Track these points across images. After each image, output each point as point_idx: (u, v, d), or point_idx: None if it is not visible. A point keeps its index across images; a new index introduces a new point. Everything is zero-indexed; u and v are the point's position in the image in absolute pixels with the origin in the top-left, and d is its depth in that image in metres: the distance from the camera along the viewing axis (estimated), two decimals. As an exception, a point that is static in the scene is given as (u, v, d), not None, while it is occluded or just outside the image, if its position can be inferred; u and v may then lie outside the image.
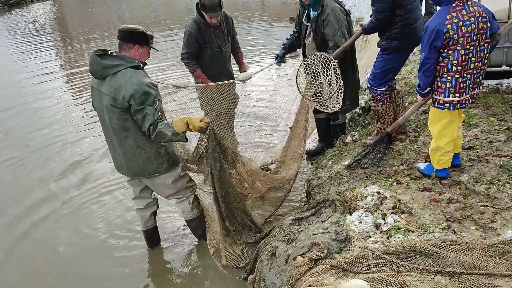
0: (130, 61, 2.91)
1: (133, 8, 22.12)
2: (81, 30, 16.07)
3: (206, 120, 2.94)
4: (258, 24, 14.30)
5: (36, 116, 7.18)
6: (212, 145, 3.07)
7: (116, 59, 2.89)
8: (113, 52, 2.96)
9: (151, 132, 2.86)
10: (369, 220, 2.76)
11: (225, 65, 4.68)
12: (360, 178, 3.37)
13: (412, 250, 2.32)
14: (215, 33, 4.45)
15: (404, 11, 3.37)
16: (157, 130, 2.84)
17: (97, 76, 2.92)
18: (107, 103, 2.90)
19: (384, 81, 3.65)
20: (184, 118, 2.90)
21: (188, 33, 4.40)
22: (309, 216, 3.13)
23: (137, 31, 2.95)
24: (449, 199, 2.82)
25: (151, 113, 2.84)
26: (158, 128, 2.84)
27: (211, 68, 4.57)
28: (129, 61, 2.91)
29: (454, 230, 2.50)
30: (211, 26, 4.38)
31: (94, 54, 2.87)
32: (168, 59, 9.55)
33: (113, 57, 2.90)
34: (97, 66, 2.87)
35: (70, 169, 5.22)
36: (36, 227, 4.12)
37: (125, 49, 2.96)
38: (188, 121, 2.88)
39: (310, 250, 2.59)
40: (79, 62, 11.06)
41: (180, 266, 3.50)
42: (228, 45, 4.65)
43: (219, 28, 4.48)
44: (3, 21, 18.65)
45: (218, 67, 4.61)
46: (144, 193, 3.40)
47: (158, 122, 2.86)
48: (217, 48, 4.50)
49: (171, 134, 2.86)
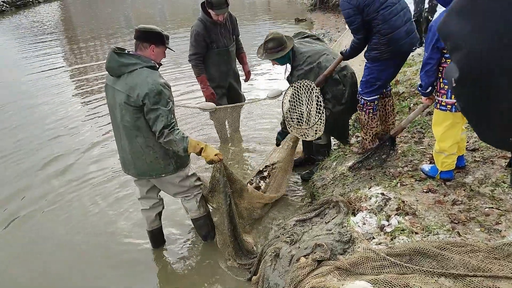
0: (147, 61, 2.96)
1: (139, 8, 22.23)
2: (87, 30, 16.17)
3: (220, 156, 3.07)
4: (264, 24, 14.32)
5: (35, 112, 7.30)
6: (223, 180, 3.19)
7: (133, 57, 2.93)
8: (130, 51, 3.00)
9: (164, 135, 2.89)
10: (373, 221, 2.76)
11: (231, 64, 4.74)
12: (364, 179, 3.37)
13: (416, 251, 2.31)
14: (221, 32, 4.50)
15: (377, 22, 3.29)
16: (171, 137, 2.89)
17: (113, 73, 2.95)
18: (120, 101, 2.93)
19: (371, 91, 3.56)
20: (201, 143, 3.01)
21: (195, 32, 4.43)
22: (312, 217, 3.13)
23: (153, 31, 2.99)
24: (453, 200, 2.81)
25: (165, 114, 2.87)
26: (173, 135, 2.89)
27: (218, 67, 4.61)
28: (146, 60, 2.96)
29: (458, 232, 2.49)
30: (217, 24, 4.42)
31: (112, 52, 2.91)
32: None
33: (130, 56, 2.94)
34: (114, 63, 2.91)
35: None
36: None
37: (141, 48, 3.00)
38: (203, 148, 3.00)
39: (313, 251, 2.59)
40: (83, 60, 11.15)
41: (183, 267, 3.50)
42: (233, 44, 4.70)
43: (225, 26, 4.54)
44: (10, 22, 18.77)
45: (225, 66, 4.66)
46: (150, 193, 3.42)
47: (174, 129, 2.91)
48: (224, 47, 4.54)
49: (181, 149, 2.94)
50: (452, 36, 0.85)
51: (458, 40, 0.84)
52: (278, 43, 3.76)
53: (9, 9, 22.06)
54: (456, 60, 0.86)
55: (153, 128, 2.94)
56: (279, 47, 3.76)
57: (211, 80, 4.73)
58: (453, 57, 0.87)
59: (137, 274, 3.45)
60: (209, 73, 4.69)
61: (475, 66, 0.81)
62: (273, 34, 3.80)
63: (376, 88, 3.56)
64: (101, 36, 14.83)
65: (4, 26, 18.15)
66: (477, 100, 0.85)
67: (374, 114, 3.68)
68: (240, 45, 4.96)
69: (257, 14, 16.74)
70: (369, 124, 3.72)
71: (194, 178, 3.40)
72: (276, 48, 3.76)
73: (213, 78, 4.74)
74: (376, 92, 3.59)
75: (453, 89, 0.92)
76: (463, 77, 0.85)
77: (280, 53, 3.77)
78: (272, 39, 3.77)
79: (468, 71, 0.83)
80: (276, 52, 3.77)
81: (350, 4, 3.26)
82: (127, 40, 13.54)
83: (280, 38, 3.77)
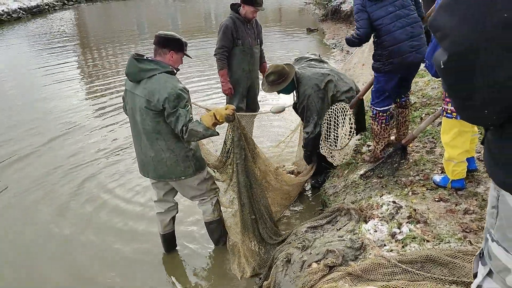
0: (165, 66, 3.05)
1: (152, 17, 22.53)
2: (101, 37, 16.43)
3: (231, 107, 3.06)
4: (275, 34, 14.43)
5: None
6: (238, 133, 3.15)
7: (152, 63, 3.03)
8: (149, 57, 3.09)
9: (184, 132, 2.97)
10: (384, 229, 2.78)
11: (253, 65, 4.92)
12: (376, 188, 3.40)
13: (427, 259, 2.33)
14: (247, 31, 4.74)
15: (380, 34, 3.39)
16: (189, 128, 2.95)
17: (132, 78, 3.05)
18: (141, 105, 3.02)
19: (380, 101, 3.62)
20: (211, 112, 3.03)
21: (225, 26, 4.68)
22: (324, 224, 3.16)
23: (173, 37, 3.09)
24: (465, 210, 2.82)
25: (184, 114, 2.96)
26: (189, 127, 2.95)
27: (241, 65, 4.76)
28: (164, 66, 3.05)
29: (470, 240, 2.50)
30: (245, 23, 4.68)
31: (132, 58, 3.01)
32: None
33: (149, 62, 3.03)
34: (134, 68, 3.00)
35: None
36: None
37: (160, 54, 3.08)
38: (215, 113, 3.00)
39: (325, 257, 2.62)
40: (97, 66, 11.33)
41: (194, 271, 3.54)
42: (258, 46, 4.91)
43: (251, 27, 4.78)
44: (26, 29, 19.14)
45: (247, 66, 4.82)
46: (167, 197, 3.48)
47: (188, 122, 2.98)
48: (248, 45, 4.71)
49: (202, 130, 2.96)
50: (441, 28, 1.03)
51: (446, 30, 1.01)
52: (279, 75, 3.86)
53: (25, 16, 22.50)
54: (445, 47, 1.03)
55: (175, 130, 3.02)
56: (280, 78, 3.87)
57: (232, 76, 4.86)
58: (442, 45, 1.03)
59: (148, 277, 3.50)
60: (231, 70, 4.83)
61: (460, 49, 0.99)
62: (273, 67, 3.92)
63: (384, 98, 3.61)
64: (114, 42, 15.05)
65: (20, 32, 18.51)
66: (461, 77, 1.03)
67: (386, 124, 3.72)
68: (263, 54, 5.12)
69: (268, 23, 16.88)
70: (381, 134, 3.76)
71: (211, 181, 3.47)
72: (278, 80, 3.87)
73: (234, 75, 4.87)
74: (386, 102, 3.63)
75: (441, 70, 1.07)
76: (450, 58, 1.02)
77: (282, 84, 3.88)
78: (272, 72, 3.89)
79: (454, 53, 1.01)
80: (278, 84, 3.89)
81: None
82: (139, 46, 13.78)
83: (280, 70, 3.87)
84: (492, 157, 1.19)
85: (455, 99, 1.15)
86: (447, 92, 1.14)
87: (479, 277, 1.37)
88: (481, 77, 1.00)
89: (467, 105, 1.10)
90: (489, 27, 0.94)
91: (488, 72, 0.99)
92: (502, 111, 1.06)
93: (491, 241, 1.27)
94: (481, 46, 0.96)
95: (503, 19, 0.92)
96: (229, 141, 3.22)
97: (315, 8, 17.22)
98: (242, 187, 3.26)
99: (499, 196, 1.21)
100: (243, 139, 3.19)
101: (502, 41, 0.95)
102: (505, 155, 1.14)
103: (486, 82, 1.00)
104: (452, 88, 1.11)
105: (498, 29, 0.94)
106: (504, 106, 1.04)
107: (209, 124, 2.97)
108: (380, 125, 3.71)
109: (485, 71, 0.98)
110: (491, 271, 1.30)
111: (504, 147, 1.14)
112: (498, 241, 1.24)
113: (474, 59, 0.98)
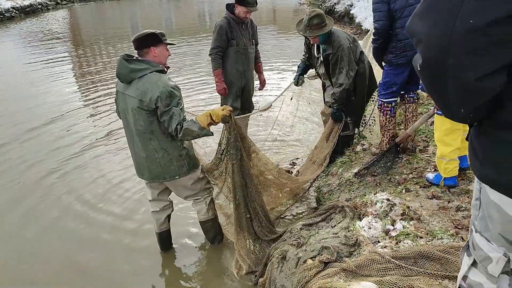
0: (156, 65, 3.05)
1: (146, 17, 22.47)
2: (93, 36, 16.36)
3: (228, 108, 3.08)
4: (268, 35, 14.46)
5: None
6: (234, 134, 3.17)
7: (143, 63, 3.03)
8: (139, 57, 3.09)
9: (178, 131, 2.98)
10: (378, 226, 2.82)
11: (248, 65, 4.92)
12: (370, 186, 3.44)
13: (420, 255, 2.37)
14: (242, 32, 4.75)
15: (396, 26, 3.39)
16: (184, 127, 2.97)
17: (123, 79, 3.04)
18: (133, 106, 3.02)
19: (387, 93, 3.67)
20: (207, 112, 3.06)
21: (219, 26, 4.68)
22: (319, 222, 3.20)
23: (145, 34, 3.06)
24: (457, 207, 2.87)
25: (177, 113, 2.98)
26: (184, 125, 2.97)
27: (236, 65, 4.78)
28: (154, 65, 3.05)
29: (462, 236, 2.55)
30: (239, 23, 4.69)
31: (121, 58, 3.01)
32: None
33: (139, 62, 3.03)
34: (124, 69, 3.00)
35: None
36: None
37: (143, 55, 3.08)
38: (211, 113, 3.03)
39: (320, 254, 2.65)
40: (90, 64, 11.30)
41: (190, 270, 3.56)
42: (253, 47, 4.92)
43: (246, 28, 4.79)
44: (18, 28, 19.01)
45: (242, 66, 4.83)
46: (161, 196, 3.50)
47: (183, 121, 2.99)
48: (243, 46, 4.72)
49: (197, 130, 2.99)
50: (416, 34, 1.10)
51: (420, 36, 1.08)
52: (322, 19, 3.86)
53: (18, 15, 22.35)
54: (420, 51, 1.10)
55: (168, 129, 3.03)
56: (323, 23, 3.86)
57: (226, 77, 4.88)
58: (418, 49, 1.10)
59: (143, 276, 3.51)
60: (225, 70, 4.84)
61: (432, 53, 1.06)
62: (316, 11, 3.92)
63: (392, 91, 3.65)
64: (108, 42, 15.01)
65: (13, 31, 18.38)
66: (436, 79, 1.10)
67: (391, 116, 3.77)
68: (258, 55, 5.13)
69: (262, 24, 16.90)
70: (386, 125, 3.81)
71: (205, 181, 3.48)
72: (321, 24, 3.86)
73: (228, 76, 4.88)
74: (392, 95, 3.68)
75: (418, 73, 1.15)
76: (424, 62, 1.09)
77: (324, 28, 3.86)
78: (317, 15, 3.85)
79: (427, 57, 1.08)
80: (321, 28, 3.86)
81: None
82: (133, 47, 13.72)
83: (323, 14, 3.90)
84: (473, 152, 1.27)
85: (434, 99, 1.23)
86: (427, 92, 1.23)
87: (464, 267, 1.43)
88: (452, 79, 1.06)
89: (444, 105, 1.17)
90: (456, 32, 1.01)
91: (458, 74, 1.05)
92: (476, 110, 1.13)
93: (475, 232, 1.35)
94: (450, 50, 1.03)
95: (468, 25, 0.99)
96: (224, 142, 3.24)
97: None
98: (237, 186, 3.28)
99: (481, 188, 1.29)
100: (239, 139, 3.22)
101: (467, 44, 1.01)
102: (483, 150, 1.22)
103: (457, 84, 1.07)
104: (429, 89, 1.18)
105: (462, 33, 1.00)
106: (477, 105, 1.11)
107: (204, 124, 3.00)
108: (385, 116, 3.77)
109: (456, 73, 1.05)
110: (475, 261, 1.37)
111: (482, 142, 1.22)
112: (481, 231, 1.33)
113: (445, 62, 1.05)
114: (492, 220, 1.26)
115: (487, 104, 1.11)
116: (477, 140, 1.24)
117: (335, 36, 3.93)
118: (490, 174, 1.21)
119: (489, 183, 1.23)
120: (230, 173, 3.29)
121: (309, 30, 3.88)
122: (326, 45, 3.99)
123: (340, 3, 14.84)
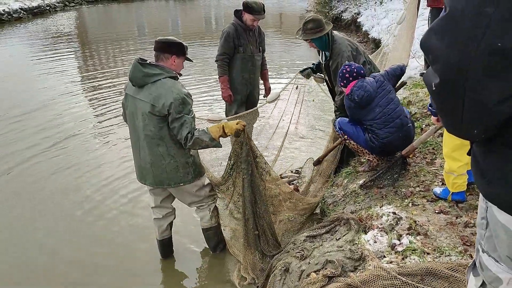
0: (169, 71, 3.04)
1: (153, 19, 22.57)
2: (101, 38, 16.42)
3: (242, 123, 3.07)
4: (274, 41, 14.46)
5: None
6: (246, 148, 3.15)
7: (157, 68, 3.01)
8: (152, 61, 3.08)
9: (188, 139, 2.96)
10: (384, 240, 2.77)
11: (254, 73, 4.90)
12: (376, 198, 3.38)
13: (427, 272, 2.31)
14: (249, 39, 4.72)
15: (372, 130, 3.53)
16: (195, 137, 2.96)
17: (136, 83, 3.02)
18: (144, 110, 2.99)
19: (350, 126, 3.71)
20: (220, 124, 3.05)
21: (226, 33, 4.66)
22: (323, 234, 3.14)
23: (174, 42, 3.08)
24: (466, 222, 2.81)
25: (189, 121, 2.97)
26: (195, 135, 2.96)
27: (241, 73, 4.76)
28: (168, 71, 3.04)
29: (470, 254, 2.49)
30: (247, 30, 4.66)
31: (136, 62, 2.98)
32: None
33: (153, 66, 3.02)
34: (139, 73, 2.98)
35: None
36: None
37: (162, 59, 3.07)
38: (224, 125, 3.03)
39: (324, 267, 2.60)
40: (96, 66, 11.31)
41: (191, 278, 3.52)
42: (259, 54, 4.89)
43: (253, 35, 4.77)
44: (26, 29, 19.10)
45: (248, 74, 4.80)
46: (164, 203, 3.46)
47: (194, 130, 2.98)
48: (250, 53, 4.69)
49: (208, 140, 2.99)
50: (432, 51, 1.06)
51: (437, 54, 1.05)
52: (318, 24, 3.91)
53: (26, 16, 22.44)
54: (436, 69, 1.06)
55: (178, 136, 3.01)
56: (318, 28, 3.91)
57: (232, 84, 4.85)
58: (434, 68, 1.07)
59: (144, 284, 3.46)
60: (231, 77, 4.81)
61: (451, 74, 1.03)
62: (313, 16, 3.99)
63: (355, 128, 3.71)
64: (114, 44, 15.04)
65: (21, 32, 18.46)
66: (452, 100, 1.07)
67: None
68: (265, 62, 5.11)
69: (268, 30, 16.91)
70: (359, 148, 3.76)
71: (209, 188, 3.45)
72: (316, 29, 3.91)
73: (234, 82, 4.85)
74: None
75: (432, 92, 1.11)
76: (442, 82, 1.05)
77: (318, 34, 3.91)
78: (311, 20, 3.94)
79: (445, 78, 1.04)
80: (314, 32, 3.91)
81: (351, 101, 3.49)
82: (139, 47, 13.81)
83: (319, 20, 3.95)
84: (479, 170, 1.21)
85: (446, 118, 1.18)
86: (438, 111, 1.17)
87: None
88: (469, 100, 1.03)
89: (457, 125, 1.13)
90: (480, 53, 0.97)
91: (478, 97, 1.01)
92: (489, 130, 1.10)
93: (482, 252, 1.30)
94: (471, 71, 0.99)
95: (496, 47, 0.95)
96: (234, 156, 3.22)
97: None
98: (247, 202, 3.26)
99: (487, 207, 1.23)
100: (251, 154, 3.20)
101: (491, 67, 0.97)
102: (491, 168, 1.16)
103: (475, 106, 1.04)
104: (443, 109, 1.14)
105: (487, 55, 0.96)
106: (491, 126, 1.08)
107: (215, 136, 2.99)
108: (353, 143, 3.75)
109: (475, 96, 1.01)
110: (484, 282, 1.32)
111: (490, 160, 1.16)
112: (488, 251, 1.27)
113: (464, 84, 1.01)
114: (499, 241, 1.21)
115: (500, 123, 1.08)
116: (483, 157, 1.18)
117: (336, 44, 3.96)
118: (499, 194, 1.15)
119: (498, 204, 1.17)
120: (239, 188, 3.27)
121: (303, 34, 3.99)
122: (327, 52, 4.04)
123: (347, 11, 14.80)
